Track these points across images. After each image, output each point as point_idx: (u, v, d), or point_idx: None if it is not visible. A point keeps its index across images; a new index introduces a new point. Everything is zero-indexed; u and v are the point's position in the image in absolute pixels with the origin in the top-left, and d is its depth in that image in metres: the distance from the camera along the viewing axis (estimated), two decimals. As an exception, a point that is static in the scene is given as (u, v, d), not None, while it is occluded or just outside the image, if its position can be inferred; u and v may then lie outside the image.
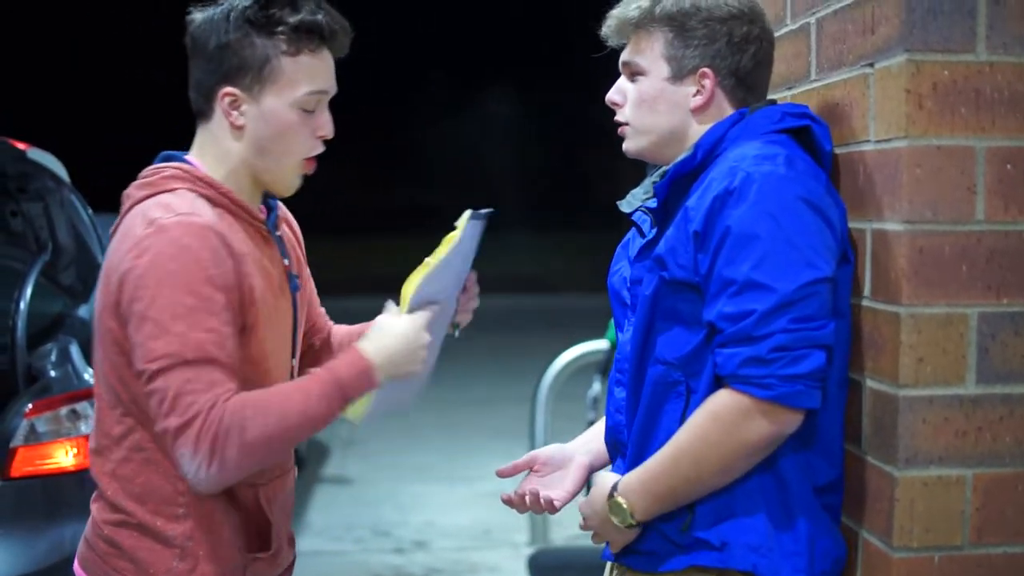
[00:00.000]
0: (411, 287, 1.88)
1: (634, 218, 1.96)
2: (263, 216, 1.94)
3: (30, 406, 3.40)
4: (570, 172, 25.42)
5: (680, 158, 1.84)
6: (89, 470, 1.94)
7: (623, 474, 1.85)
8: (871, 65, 1.79)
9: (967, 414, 1.71)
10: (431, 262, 1.87)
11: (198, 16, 1.88)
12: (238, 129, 1.87)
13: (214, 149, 1.90)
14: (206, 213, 1.82)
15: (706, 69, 1.84)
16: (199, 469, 1.72)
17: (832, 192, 1.81)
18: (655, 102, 1.87)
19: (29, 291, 3.67)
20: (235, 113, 1.86)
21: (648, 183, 1.98)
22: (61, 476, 3.40)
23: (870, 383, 1.80)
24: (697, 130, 1.87)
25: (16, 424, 3.38)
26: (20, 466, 3.36)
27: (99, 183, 4.81)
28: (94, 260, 3.90)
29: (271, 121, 1.86)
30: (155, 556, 1.85)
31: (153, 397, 1.74)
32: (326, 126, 1.90)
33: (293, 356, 2.00)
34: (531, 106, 26.56)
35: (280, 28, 1.84)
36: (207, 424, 1.71)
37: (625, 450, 1.90)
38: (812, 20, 2.00)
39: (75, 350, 3.64)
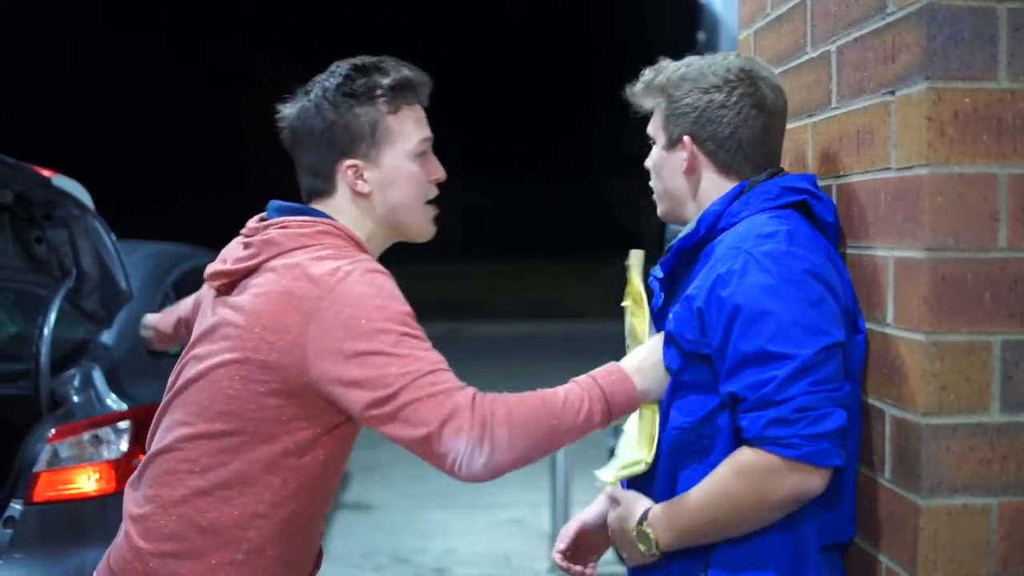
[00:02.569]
0: (642, 331, 1.98)
1: (650, 283, 2.03)
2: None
3: (53, 431, 3.42)
4: (590, 198, 25.45)
5: (683, 233, 1.92)
6: (119, 494, 1.99)
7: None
8: (892, 93, 1.80)
9: (992, 442, 1.70)
10: (644, 315, 2.00)
11: (290, 111, 2.01)
12: (364, 197, 1.99)
13: (345, 220, 1.99)
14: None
15: (686, 137, 1.93)
16: (472, 455, 1.76)
17: (836, 262, 1.85)
18: (660, 169, 2.01)
19: (53, 317, 3.70)
20: (360, 182, 1.98)
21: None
22: (83, 501, 3.41)
23: (893, 411, 1.79)
24: (694, 191, 1.96)
25: (39, 449, 3.40)
26: (43, 491, 3.38)
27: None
28: (118, 287, 3.93)
29: (396, 177, 2.00)
30: None
31: (398, 416, 1.78)
32: (438, 170, 2.06)
33: None
34: (553, 134, 26.61)
35: (378, 91, 1.97)
36: (471, 410, 1.76)
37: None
38: (832, 48, 2.01)
39: (98, 376, 3.66)
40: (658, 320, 1.97)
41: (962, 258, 1.70)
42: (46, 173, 3.68)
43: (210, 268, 2.02)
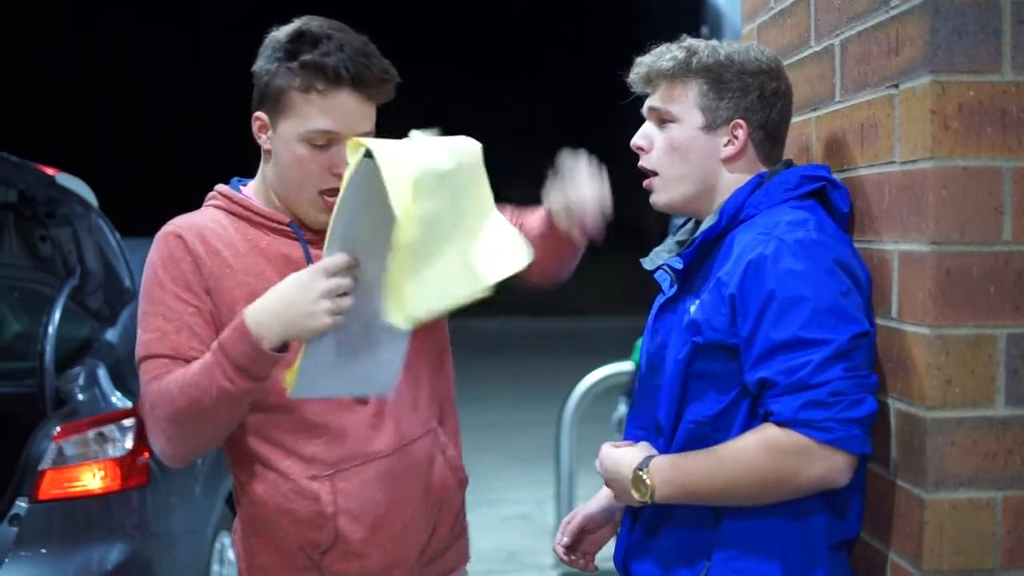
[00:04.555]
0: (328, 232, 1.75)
1: (655, 276, 1.98)
2: (288, 220, 1.99)
3: (58, 429, 3.43)
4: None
5: (706, 225, 1.88)
6: (125, 491, 2.04)
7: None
8: (896, 86, 1.79)
9: (997, 436, 1.70)
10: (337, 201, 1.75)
11: (267, 37, 1.98)
12: (268, 153, 1.98)
13: (260, 171, 2.04)
14: (206, 221, 1.98)
15: (739, 120, 1.88)
16: (155, 446, 1.92)
17: (857, 255, 1.84)
18: (687, 150, 1.90)
19: (57, 315, 3.71)
20: (263, 137, 1.96)
21: (672, 243, 2.02)
22: (88, 499, 3.41)
23: (898, 405, 1.79)
24: (727, 179, 1.90)
25: (44, 447, 3.40)
26: (48, 489, 3.38)
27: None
28: (121, 284, 3.94)
29: (283, 151, 1.94)
30: (235, 544, 2.09)
31: None
32: (341, 165, 1.85)
33: None
34: (552, 122, 26.59)
35: (295, 63, 1.89)
36: (144, 407, 1.90)
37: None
38: (836, 42, 2.01)
39: (103, 374, 3.66)
40: (668, 310, 1.93)
41: (967, 251, 1.69)
42: (50, 171, 3.68)
43: None
